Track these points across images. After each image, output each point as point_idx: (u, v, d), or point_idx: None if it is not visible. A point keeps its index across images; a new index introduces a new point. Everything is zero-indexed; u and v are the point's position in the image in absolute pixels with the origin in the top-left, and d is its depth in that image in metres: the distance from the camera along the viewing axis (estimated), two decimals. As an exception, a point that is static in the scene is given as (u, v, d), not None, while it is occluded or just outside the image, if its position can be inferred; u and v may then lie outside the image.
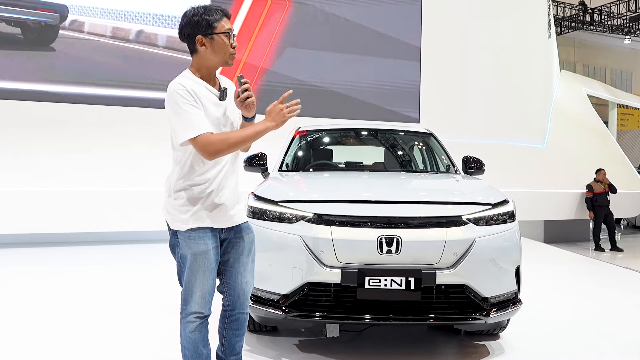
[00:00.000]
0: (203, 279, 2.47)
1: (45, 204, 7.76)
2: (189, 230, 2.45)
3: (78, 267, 6.59)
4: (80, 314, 4.37)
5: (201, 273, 2.46)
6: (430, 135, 5.01)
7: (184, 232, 2.46)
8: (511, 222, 3.41)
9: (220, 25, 2.45)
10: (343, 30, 10.65)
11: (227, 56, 2.48)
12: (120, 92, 9.08)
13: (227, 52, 2.47)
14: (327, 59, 10.54)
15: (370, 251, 3.08)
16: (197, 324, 2.51)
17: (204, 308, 2.50)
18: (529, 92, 12.55)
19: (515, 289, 3.36)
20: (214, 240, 2.49)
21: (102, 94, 8.96)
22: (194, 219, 2.45)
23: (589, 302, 5.34)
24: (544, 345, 3.81)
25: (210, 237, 2.47)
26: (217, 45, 2.45)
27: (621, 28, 21.13)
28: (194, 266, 2.46)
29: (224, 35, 2.45)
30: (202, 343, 2.53)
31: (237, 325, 2.67)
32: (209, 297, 2.50)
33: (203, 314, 2.50)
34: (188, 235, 2.46)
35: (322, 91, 10.48)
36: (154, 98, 9.15)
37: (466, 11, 11.68)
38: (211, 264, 2.48)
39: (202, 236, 2.46)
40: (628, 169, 13.42)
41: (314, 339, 3.80)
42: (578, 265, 7.88)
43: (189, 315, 2.50)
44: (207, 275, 2.47)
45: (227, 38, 2.45)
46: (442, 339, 3.87)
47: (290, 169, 4.51)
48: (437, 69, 11.39)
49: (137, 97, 9.18)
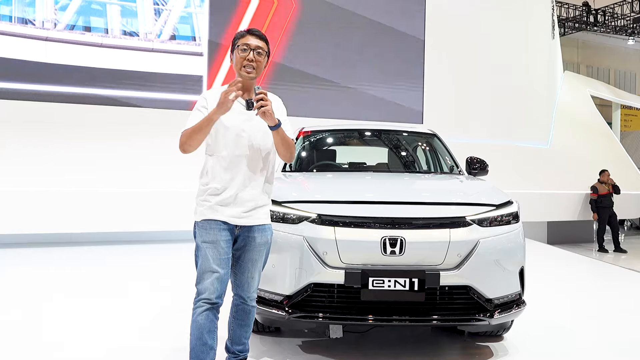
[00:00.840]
0: (212, 267, 2.67)
1: (46, 203, 7.76)
2: (203, 220, 2.73)
3: (82, 266, 6.60)
4: (80, 315, 4.38)
5: (210, 261, 2.67)
6: (434, 135, 5.00)
7: (199, 223, 2.75)
8: (515, 223, 3.40)
9: (239, 42, 2.78)
10: (347, 30, 10.67)
11: (239, 68, 2.76)
12: (122, 93, 9.10)
13: (240, 64, 2.75)
14: (331, 54, 10.57)
15: (374, 252, 3.07)
16: (204, 308, 2.66)
17: (212, 295, 2.66)
18: (533, 92, 12.54)
19: (519, 290, 3.35)
20: (227, 234, 2.71)
21: (105, 94, 8.99)
22: (209, 211, 2.72)
23: (592, 303, 5.32)
24: (547, 347, 3.80)
25: (222, 229, 2.70)
26: (235, 59, 2.78)
27: (625, 29, 21.08)
28: (205, 254, 2.69)
29: (239, 49, 2.77)
30: (207, 331, 2.66)
31: (242, 316, 2.89)
32: (217, 285, 2.67)
33: (211, 300, 2.66)
34: (202, 225, 2.73)
35: (326, 87, 10.50)
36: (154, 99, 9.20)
37: (470, 12, 11.67)
38: (221, 255, 2.69)
39: (214, 227, 2.70)
40: (632, 170, 13.39)
41: (317, 339, 3.80)
42: (582, 267, 7.86)
43: (198, 300, 2.69)
44: (215, 264, 2.67)
45: (242, 52, 2.75)
46: (446, 340, 3.86)
47: (293, 170, 4.51)
48: (440, 70, 11.38)
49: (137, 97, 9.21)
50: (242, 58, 2.74)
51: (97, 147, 8.43)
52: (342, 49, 10.65)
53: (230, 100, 2.58)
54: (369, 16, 10.85)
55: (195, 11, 9.65)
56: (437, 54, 11.38)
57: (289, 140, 2.78)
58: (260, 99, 2.59)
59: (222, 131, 2.72)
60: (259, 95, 2.60)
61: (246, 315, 2.91)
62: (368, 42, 10.86)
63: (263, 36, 2.81)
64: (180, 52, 9.50)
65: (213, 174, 2.75)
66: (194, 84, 9.54)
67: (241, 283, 2.84)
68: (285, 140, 2.75)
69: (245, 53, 2.74)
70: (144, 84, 9.25)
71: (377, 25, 10.93)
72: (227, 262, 2.71)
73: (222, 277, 2.69)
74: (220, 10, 9.74)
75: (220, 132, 2.72)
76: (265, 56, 2.80)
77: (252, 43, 2.75)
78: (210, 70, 9.66)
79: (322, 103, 10.45)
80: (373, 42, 10.90)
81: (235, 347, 2.96)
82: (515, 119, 12.12)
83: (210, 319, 2.67)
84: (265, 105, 2.59)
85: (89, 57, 8.90)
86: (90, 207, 7.94)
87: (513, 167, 10.78)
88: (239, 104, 2.73)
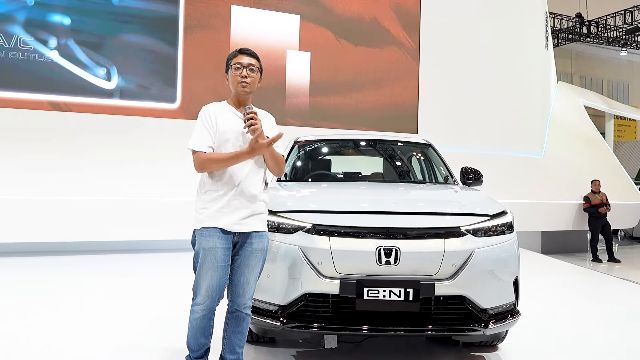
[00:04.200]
0: (209, 274, 2.81)
1: (37, 212, 7.73)
2: (202, 228, 2.85)
3: (74, 275, 6.57)
4: (72, 323, 4.36)
5: (208, 268, 2.81)
6: (428, 145, 5.02)
7: (198, 230, 2.87)
8: (509, 233, 3.41)
9: (232, 62, 2.97)
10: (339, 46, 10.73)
11: (236, 85, 2.94)
12: (118, 102, 9.09)
13: (235, 82, 2.94)
14: (325, 61, 10.64)
15: (369, 262, 3.08)
16: (200, 315, 2.87)
17: (207, 301, 2.83)
18: (527, 103, 12.61)
19: (514, 300, 3.35)
20: (225, 241, 2.83)
21: (101, 103, 8.97)
22: (208, 219, 2.84)
23: (586, 314, 5.33)
24: (541, 357, 3.81)
25: (220, 237, 2.82)
26: (231, 78, 2.98)
27: (618, 40, 21.29)
28: (203, 261, 2.83)
29: (233, 68, 2.95)
30: (201, 332, 2.91)
31: (237, 323, 2.96)
32: (213, 292, 2.83)
33: (207, 305, 2.84)
34: (201, 232, 2.85)
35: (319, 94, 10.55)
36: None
37: (464, 23, 11.75)
38: (218, 262, 2.81)
39: (212, 234, 2.82)
40: (625, 180, 13.45)
41: (312, 350, 3.79)
42: (576, 277, 7.88)
43: (195, 305, 2.88)
44: (213, 271, 2.81)
45: (235, 70, 2.94)
46: (441, 350, 3.86)
47: (288, 179, 4.51)
48: (435, 80, 11.44)
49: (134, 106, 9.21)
50: (236, 76, 2.94)
51: (89, 155, 8.41)
52: (338, 57, 10.71)
53: (264, 147, 2.81)
54: (365, 25, 10.93)
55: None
56: (432, 64, 11.45)
57: (278, 156, 2.97)
58: (250, 118, 2.79)
59: (221, 143, 2.89)
60: (248, 115, 2.80)
61: (240, 323, 2.97)
62: (362, 50, 10.92)
63: (254, 54, 3.01)
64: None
65: (212, 183, 2.88)
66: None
67: (237, 289, 2.92)
68: (274, 156, 2.94)
69: (239, 71, 2.93)
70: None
71: (372, 34, 11.00)
72: (224, 269, 2.84)
73: (219, 283, 2.83)
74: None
75: (219, 144, 2.89)
76: (257, 72, 3.00)
77: (245, 61, 2.95)
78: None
79: (314, 110, 10.49)
80: (368, 52, 10.96)
81: (229, 356, 2.99)
82: (510, 129, 12.18)
83: (205, 323, 2.90)
84: (255, 125, 2.78)
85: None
86: (83, 215, 7.91)
87: (507, 177, 10.81)
88: (237, 117, 2.93)
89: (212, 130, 2.88)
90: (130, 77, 9.15)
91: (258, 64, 3.00)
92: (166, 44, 9.36)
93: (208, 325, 2.92)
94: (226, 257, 2.84)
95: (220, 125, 2.89)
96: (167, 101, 9.38)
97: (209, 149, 2.86)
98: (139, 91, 9.21)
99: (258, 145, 2.79)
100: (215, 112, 2.93)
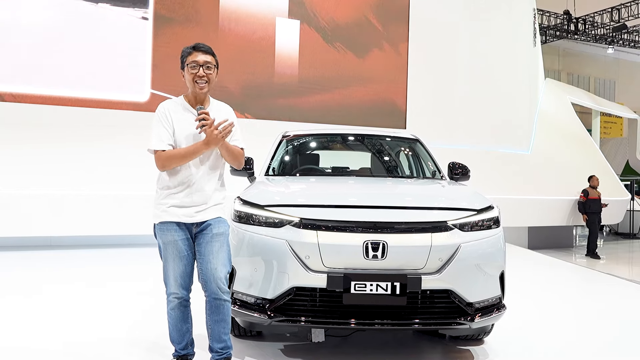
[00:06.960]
0: (174, 264, 2.94)
1: (26, 206, 7.67)
2: (160, 223, 2.95)
3: (61, 269, 6.52)
4: (59, 315, 4.33)
5: (172, 259, 2.94)
6: (416, 141, 5.03)
7: (157, 225, 2.97)
8: (496, 228, 3.43)
9: (188, 60, 2.95)
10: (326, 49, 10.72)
11: (194, 85, 2.95)
12: (109, 95, 9.03)
13: (193, 81, 2.94)
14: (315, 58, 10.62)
15: (356, 256, 3.08)
16: (175, 303, 2.99)
17: (179, 290, 2.97)
18: (515, 99, 12.69)
19: (500, 294, 3.38)
20: (183, 233, 2.94)
21: (92, 97, 8.91)
22: (165, 214, 2.93)
23: (571, 307, 5.39)
24: (527, 350, 3.84)
25: (177, 229, 2.93)
26: (187, 76, 2.97)
27: (605, 37, 21.46)
28: (166, 254, 2.95)
29: (189, 67, 2.94)
30: (181, 320, 3.03)
31: (216, 312, 2.96)
32: (181, 281, 2.96)
33: (178, 294, 2.97)
34: (159, 227, 2.96)
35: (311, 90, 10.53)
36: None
37: (453, 20, 11.79)
38: (181, 252, 2.93)
39: (170, 228, 2.93)
40: (611, 177, 13.58)
41: (299, 344, 3.80)
42: (561, 271, 7.95)
43: (169, 295, 3.00)
44: (177, 261, 2.93)
45: (192, 69, 2.93)
46: (427, 343, 3.88)
47: (276, 174, 4.51)
48: (423, 76, 11.47)
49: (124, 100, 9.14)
50: (193, 75, 2.94)
51: (77, 149, 8.34)
52: (326, 54, 10.70)
53: (219, 139, 2.85)
54: (354, 22, 10.92)
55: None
56: (421, 61, 11.47)
57: (234, 150, 3.02)
58: (202, 119, 2.84)
59: (177, 138, 2.94)
60: (200, 116, 2.85)
61: (219, 310, 2.96)
62: (352, 47, 10.92)
63: (210, 50, 2.99)
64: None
65: (168, 180, 2.95)
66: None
67: (207, 276, 2.93)
68: (230, 150, 2.99)
69: (195, 70, 2.93)
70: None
71: (360, 31, 10.99)
72: (188, 257, 2.95)
73: (184, 271, 2.95)
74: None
75: (176, 142, 2.94)
76: (214, 69, 3.00)
77: (200, 59, 2.94)
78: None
79: (304, 106, 10.48)
80: (356, 48, 10.96)
81: (216, 346, 2.99)
82: (497, 125, 12.24)
83: (182, 310, 3.01)
84: (206, 125, 2.83)
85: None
86: (71, 210, 7.85)
87: (495, 173, 10.87)
88: (192, 115, 2.95)
89: (170, 129, 2.92)
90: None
91: (214, 60, 2.99)
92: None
93: (185, 312, 3.02)
94: (187, 246, 2.94)
95: (175, 123, 2.94)
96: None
97: (169, 146, 2.90)
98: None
99: (213, 136, 2.83)
100: (170, 110, 2.96)
